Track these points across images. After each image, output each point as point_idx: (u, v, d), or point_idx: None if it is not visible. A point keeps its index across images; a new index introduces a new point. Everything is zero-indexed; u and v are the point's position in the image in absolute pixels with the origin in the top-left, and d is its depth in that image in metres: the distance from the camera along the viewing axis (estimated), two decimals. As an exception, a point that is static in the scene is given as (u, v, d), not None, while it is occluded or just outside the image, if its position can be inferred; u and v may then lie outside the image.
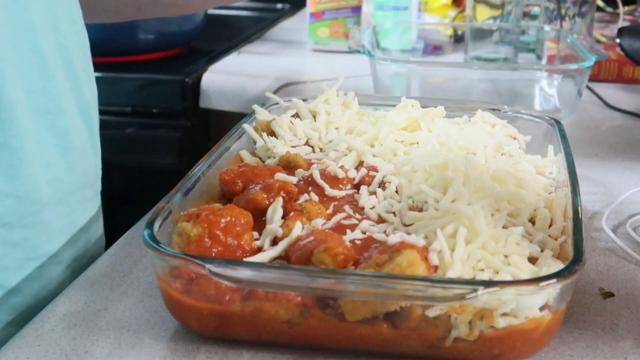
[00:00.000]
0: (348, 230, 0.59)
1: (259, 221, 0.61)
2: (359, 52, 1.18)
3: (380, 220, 0.63)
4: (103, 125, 0.81)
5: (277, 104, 0.85)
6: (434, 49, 1.58)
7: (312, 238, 0.56)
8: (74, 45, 0.74)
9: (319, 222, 0.60)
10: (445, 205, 0.59)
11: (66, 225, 0.73)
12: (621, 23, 1.66)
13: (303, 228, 0.59)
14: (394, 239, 0.55)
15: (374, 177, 0.69)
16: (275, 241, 0.59)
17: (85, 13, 0.80)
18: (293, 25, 1.91)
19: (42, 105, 0.68)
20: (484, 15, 1.47)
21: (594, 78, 1.35)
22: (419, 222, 0.59)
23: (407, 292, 0.50)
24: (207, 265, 0.51)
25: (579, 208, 0.60)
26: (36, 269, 0.70)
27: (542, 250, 0.57)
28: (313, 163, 0.72)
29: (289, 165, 0.70)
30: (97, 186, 0.81)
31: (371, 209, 0.64)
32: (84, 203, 0.76)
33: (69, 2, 0.74)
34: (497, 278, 0.52)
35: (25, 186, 0.67)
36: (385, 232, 0.59)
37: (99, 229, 0.81)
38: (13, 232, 0.67)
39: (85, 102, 0.76)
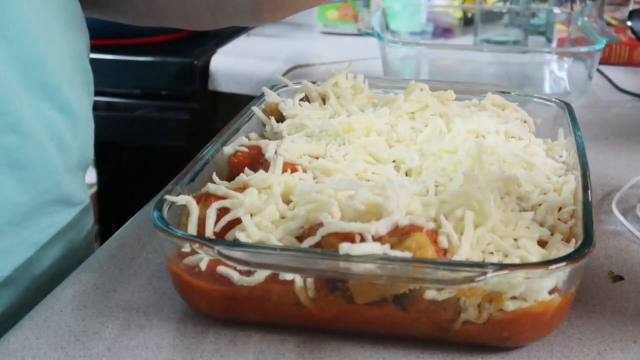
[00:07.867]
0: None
1: (268, 203, 0.61)
2: (368, 34, 1.18)
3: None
4: (112, 108, 0.81)
5: (286, 86, 0.85)
6: (444, 32, 1.58)
7: (321, 220, 0.56)
8: (50, 55, 0.65)
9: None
10: (455, 189, 0.59)
11: (17, 245, 0.67)
12: (632, 6, 1.65)
13: (312, 210, 0.59)
14: (403, 221, 0.54)
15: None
16: (284, 223, 0.58)
17: (162, 17, 0.76)
18: (302, 8, 1.90)
19: None
20: (494, -2, 1.46)
21: (604, 61, 1.34)
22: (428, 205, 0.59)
23: (416, 275, 0.50)
24: (217, 247, 0.51)
25: (589, 191, 0.59)
26: None
27: (551, 234, 0.57)
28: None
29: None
30: (78, 198, 0.74)
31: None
32: (47, 219, 0.70)
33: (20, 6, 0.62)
34: (506, 261, 0.52)
35: None
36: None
37: (73, 241, 0.75)
38: None
39: (49, 117, 0.67)
